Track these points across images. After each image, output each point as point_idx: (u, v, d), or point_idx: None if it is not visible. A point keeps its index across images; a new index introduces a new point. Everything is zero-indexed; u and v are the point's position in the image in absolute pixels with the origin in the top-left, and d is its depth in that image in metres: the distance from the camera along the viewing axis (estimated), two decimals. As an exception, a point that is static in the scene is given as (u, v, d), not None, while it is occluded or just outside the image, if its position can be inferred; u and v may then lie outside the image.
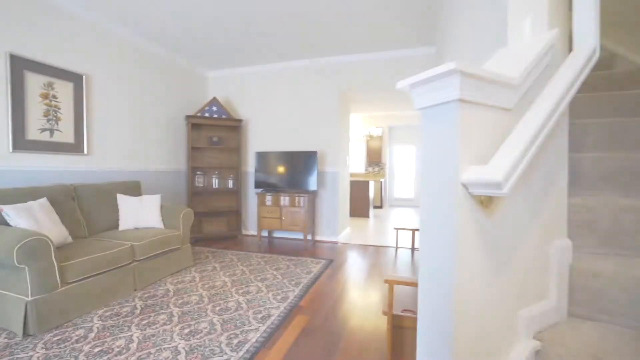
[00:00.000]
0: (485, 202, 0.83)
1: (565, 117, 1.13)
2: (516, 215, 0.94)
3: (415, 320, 1.35)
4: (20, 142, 2.75)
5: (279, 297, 2.55)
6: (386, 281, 1.34)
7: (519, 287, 0.95)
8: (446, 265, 0.81)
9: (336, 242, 4.58)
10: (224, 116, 4.59)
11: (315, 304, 2.50)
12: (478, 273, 0.84)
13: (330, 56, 4.47)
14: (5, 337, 1.95)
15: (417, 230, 2.38)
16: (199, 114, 4.43)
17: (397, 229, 2.47)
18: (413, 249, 2.43)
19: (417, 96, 0.87)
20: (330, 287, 2.84)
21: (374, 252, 4.05)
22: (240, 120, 4.65)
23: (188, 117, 4.31)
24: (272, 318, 2.20)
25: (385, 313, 1.38)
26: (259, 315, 2.24)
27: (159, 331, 2.01)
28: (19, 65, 2.72)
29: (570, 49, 1.20)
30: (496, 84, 0.84)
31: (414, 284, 1.30)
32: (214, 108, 4.56)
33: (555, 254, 1.05)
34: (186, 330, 2.02)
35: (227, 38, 3.85)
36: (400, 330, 1.37)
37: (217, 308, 2.34)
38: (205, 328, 2.05)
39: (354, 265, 3.49)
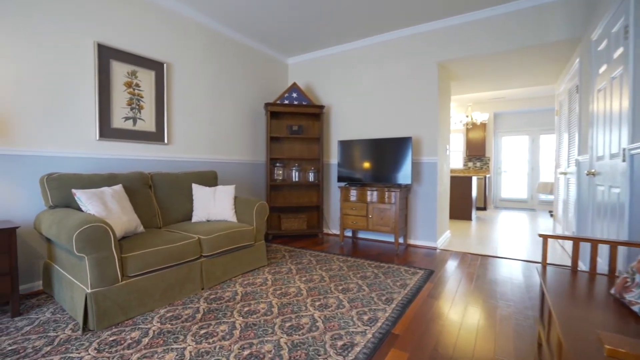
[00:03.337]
0: None
1: None
2: None
3: None
4: (106, 130, 2.75)
5: (365, 318, 1.93)
6: (611, 353, 0.58)
7: None
8: None
9: (434, 248, 3.73)
10: (304, 103, 4.19)
11: (414, 332, 1.80)
12: None
13: (426, 22, 3.66)
14: (70, 329, 1.80)
15: (582, 240, 1.48)
16: (278, 102, 4.12)
17: (543, 235, 1.61)
18: (575, 270, 1.54)
19: None
20: (435, 310, 2.10)
21: (487, 265, 3.09)
22: (321, 107, 4.19)
23: (267, 104, 4.04)
24: (357, 350, 1.59)
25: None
26: (339, 343, 1.65)
27: (214, 347, 1.60)
28: (106, 55, 2.73)
29: None
30: None
31: None
32: (294, 94, 4.20)
33: None
34: (246, 352, 1.56)
35: (307, 18, 3.41)
36: None
37: (287, 324, 1.84)
38: (269, 352, 1.56)
39: (463, 281, 2.64)
